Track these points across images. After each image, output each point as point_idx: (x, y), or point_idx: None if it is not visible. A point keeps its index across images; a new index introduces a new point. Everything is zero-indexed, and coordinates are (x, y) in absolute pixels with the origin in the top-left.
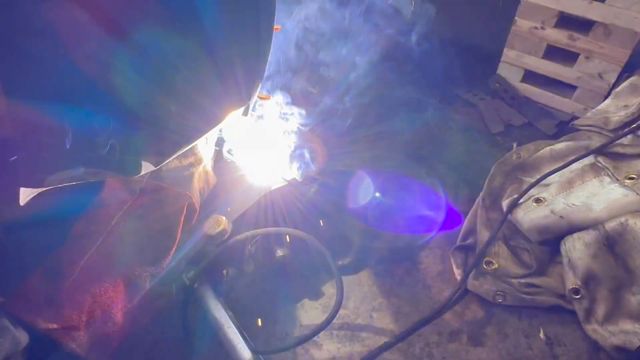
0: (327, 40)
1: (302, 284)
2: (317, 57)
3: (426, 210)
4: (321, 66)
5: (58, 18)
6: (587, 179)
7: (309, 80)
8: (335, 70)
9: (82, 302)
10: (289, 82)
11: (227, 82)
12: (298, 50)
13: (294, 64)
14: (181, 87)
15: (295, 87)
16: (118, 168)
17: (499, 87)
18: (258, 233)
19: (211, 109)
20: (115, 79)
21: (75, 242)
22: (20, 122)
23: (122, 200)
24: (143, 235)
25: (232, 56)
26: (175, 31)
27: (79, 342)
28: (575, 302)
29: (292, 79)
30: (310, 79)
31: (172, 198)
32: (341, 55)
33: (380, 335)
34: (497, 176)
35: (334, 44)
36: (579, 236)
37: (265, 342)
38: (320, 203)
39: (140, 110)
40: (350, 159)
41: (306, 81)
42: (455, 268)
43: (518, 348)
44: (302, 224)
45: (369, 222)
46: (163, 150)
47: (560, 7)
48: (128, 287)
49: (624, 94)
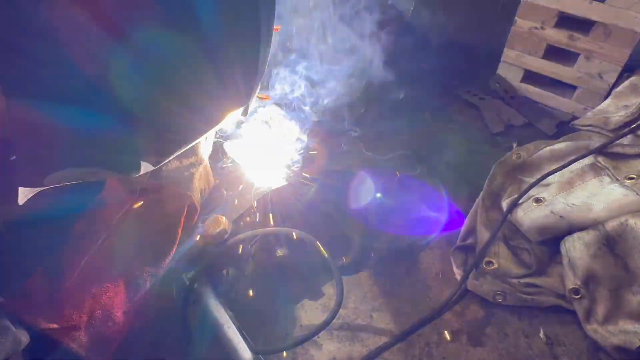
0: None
1: (302, 284)
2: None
3: (428, 211)
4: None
5: (57, 18)
6: (587, 179)
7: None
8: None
9: (82, 302)
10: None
11: (226, 82)
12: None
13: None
14: (179, 87)
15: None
16: (117, 167)
17: (499, 87)
18: (258, 233)
19: (210, 109)
20: (113, 79)
21: (76, 243)
22: (19, 121)
23: (122, 200)
24: (143, 235)
25: (230, 56)
26: (174, 31)
27: (79, 342)
28: (575, 302)
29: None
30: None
31: (172, 198)
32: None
33: (380, 335)
34: (497, 176)
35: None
36: (579, 236)
37: (265, 342)
38: (320, 203)
39: (138, 109)
40: (349, 159)
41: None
42: (455, 268)
43: (518, 348)
44: (302, 224)
45: (369, 224)
46: (162, 150)
47: (560, 7)
48: (128, 287)
49: (624, 94)
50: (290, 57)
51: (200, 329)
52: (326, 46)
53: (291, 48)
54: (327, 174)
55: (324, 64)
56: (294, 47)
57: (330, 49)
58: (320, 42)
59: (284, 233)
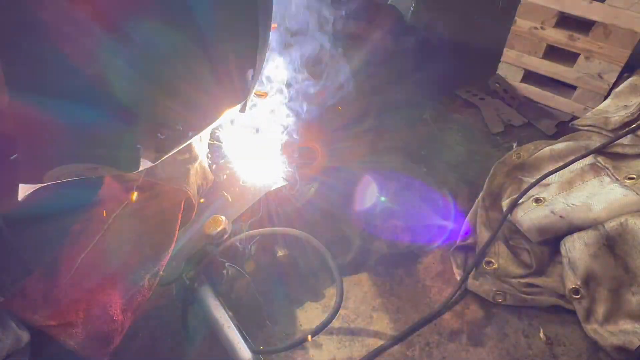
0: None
1: (302, 284)
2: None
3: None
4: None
5: (55, 15)
6: (587, 179)
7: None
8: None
9: (79, 300)
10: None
11: (222, 79)
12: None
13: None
14: (175, 83)
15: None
16: (116, 163)
17: (499, 87)
18: (258, 233)
19: (207, 105)
20: (110, 75)
21: (72, 240)
22: (20, 117)
23: (119, 198)
24: (140, 232)
25: (226, 53)
26: (170, 27)
27: (76, 339)
28: (575, 302)
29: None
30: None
31: (168, 194)
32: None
33: (380, 335)
34: (497, 176)
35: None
36: (579, 236)
37: (265, 342)
38: (320, 202)
39: (135, 105)
40: (349, 155)
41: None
42: (455, 268)
43: (518, 348)
44: (302, 224)
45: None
46: (161, 146)
47: (560, 7)
48: (126, 284)
49: (623, 94)
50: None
51: (200, 328)
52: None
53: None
54: (326, 172)
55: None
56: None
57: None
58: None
59: (284, 233)
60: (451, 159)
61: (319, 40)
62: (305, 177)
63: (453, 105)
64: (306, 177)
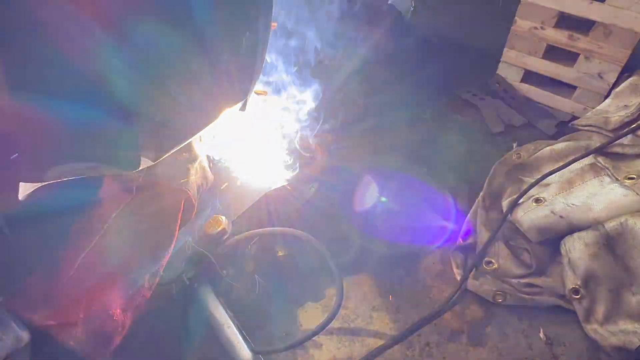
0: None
1: (302, 284)
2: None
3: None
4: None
5: (55, 14)
6: (587, 179)
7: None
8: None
9: (79, 299)
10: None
11: (222, 79)
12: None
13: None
14: (175, 82)
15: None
16: (117, 162)
17: (499, 87)
18: (258, 233)
19: (206, 104)
20: (111, 74)
21: (73, 240)
22: (20, 116)
23: (119, 198)
24: (140, 231)
25: (225, 52)
26: (169, 26)
27: (76, 339)
28: (575, 302)
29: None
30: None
31: (168, 193)
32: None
33: (380, 335)
34: (497, 176)
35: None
36: (579, 236)
37: (265, 342)
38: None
39: (135, 104)
40: (349, 155)
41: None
42: (455, 268)
43: (518, 348)
44: (302, 224)
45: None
46: (161, 145)
47: (560, 7)
48: (126, 283)
49: (624, 94)
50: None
51: (200, 328)
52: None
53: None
54: (326, 172)
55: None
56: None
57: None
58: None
59: (284, 233)
60: (451, 159)
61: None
62: (305, 177)
63: (453, 105)
64: (306, 177)
